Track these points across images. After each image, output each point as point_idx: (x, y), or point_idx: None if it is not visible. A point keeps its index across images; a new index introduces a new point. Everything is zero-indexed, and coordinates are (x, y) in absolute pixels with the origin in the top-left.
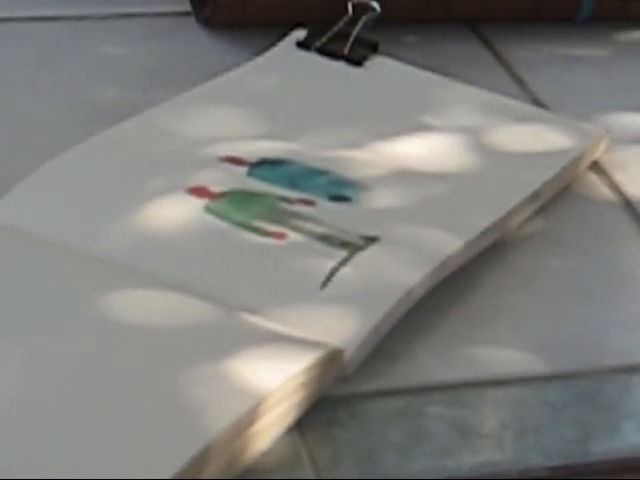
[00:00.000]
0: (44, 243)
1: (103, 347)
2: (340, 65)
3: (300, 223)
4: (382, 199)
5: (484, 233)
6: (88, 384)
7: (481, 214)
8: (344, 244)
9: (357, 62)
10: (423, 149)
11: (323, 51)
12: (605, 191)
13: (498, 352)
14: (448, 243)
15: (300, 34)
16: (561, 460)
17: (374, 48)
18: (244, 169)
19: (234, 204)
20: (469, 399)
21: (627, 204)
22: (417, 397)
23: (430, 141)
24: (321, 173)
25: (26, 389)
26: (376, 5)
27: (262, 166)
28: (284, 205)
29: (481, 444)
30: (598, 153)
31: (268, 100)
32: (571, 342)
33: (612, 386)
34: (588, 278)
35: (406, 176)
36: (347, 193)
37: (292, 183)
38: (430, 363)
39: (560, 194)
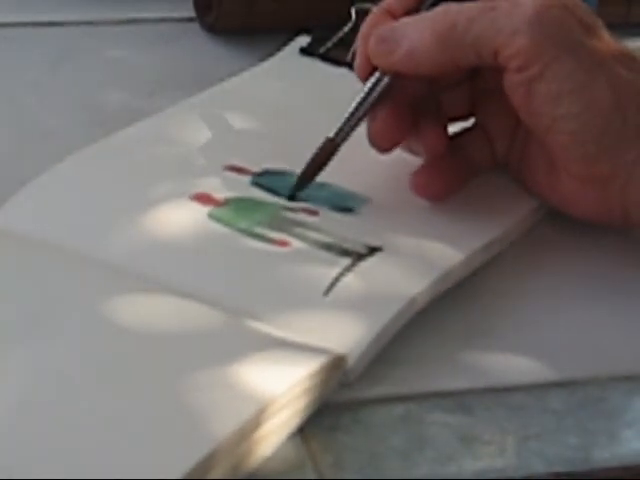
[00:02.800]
0: (47, 248)
1: (108, 352)
2: (343, 71)
3: (303, 231)
4: (385, 210)
5: (486, 246)
6: (94, 389)
7: (484, 227)
8: (347, 252)
9: None
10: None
11: (326, 57)
12: None
13: (500, 359)
14: (450, 255)
15: (304, 40)
16: (563, 467)
17: None
18: (247, 178)
19: (238, 211)
20: (471, 406)
21: None
22: (419, 403)
23: None
24: (323, 185)
25: (32, 393)
26: None
27: (265, 176)
28: (287, 214)
29: (483, 450)
30: None
31: (271, 106)
32: (573, 349)
33: (614, 393)
34: (591, 286)
35: (409, 187)
36: (350, 204)
37: (294, 195)
38: (432, 370)
39: None
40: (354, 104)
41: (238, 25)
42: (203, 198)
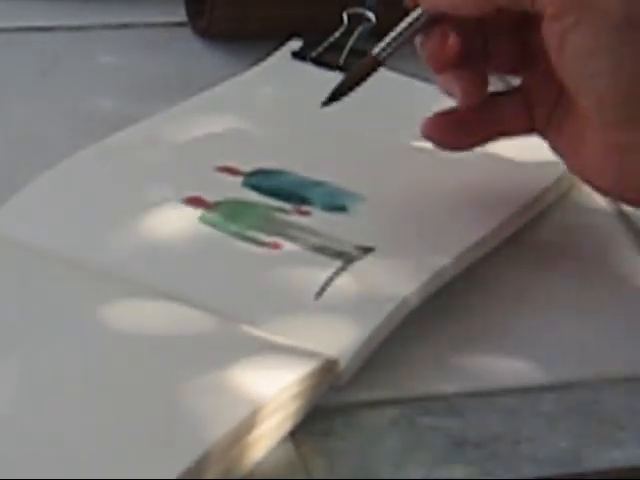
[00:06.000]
0: (40, 254)
1: (101, 356)
2: (335, 76)
3: (295, 233)
4: (377, 210)
5: (479, 244)
6: (87, 393)
7: (476, 225)
8: (339, 254)
9: None
10: (418, 160)
11: (318, 62)
12: (599, 200)
13: (492, 362)
14: (442, 254)
15: (295, 44)
16: (555, 470)
17: None
18: (239, 179)
19: (229, 214)
20: (463, 409)
21: (621, 214)
22: (411, 407)
23: (425, 152)
24: (316, 184)
25: (29, 397)
26: (371, 16)
27: (257, 176)
28: (279, 215)
29: (475, 454)
30: None
31: (263, 110)
32: (565, 352)
33: (607, 397)
34: (583, 288)
35: (401, 187)
36: (342, 203)
37: (287, 193)
38: (424, 373)
39: (555, 203)
40: (402, 24)
41: (230, 30)
42: (195, 202)
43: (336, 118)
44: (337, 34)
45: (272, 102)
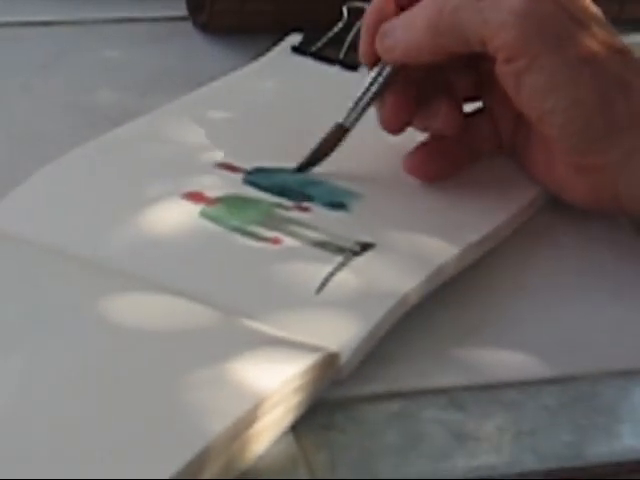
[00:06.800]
0: (40, 249)
1: (102, 351)
2: (335, 70)
3: (296, 229)
4: (377, 207)
5: (480, 242)
6: (88, 387)
7: (477, 222)
8: (340, 250)
9: (352, 67)
10: None
11: (318, 56)
12: None
13: (494, 355)
14: (443, 251)
15: (295, 39)
16: (557, 463)
17: None
18: (239, 176)
19: (230, 209)
20: (465, 402)
21: None
22: (413, 400)
23: None
24: (316, 182)
25: (27, 393)
26: None
27: (257, 174)
28: (280, 211)
29: (477, 447)
30: None
31: (263, 105)
32: (566, 345)
33: (608, 389)
34: (584, 281)
35: (402, 183)
36: (342, 200)
37: (287, 191)
38: (426, 366)
39: (554, 199)
40: (362, 90)
41: (230, 24)
42: (195, 197)
43: (336, 114)
44: (337, 28)
45: (272, 96)
